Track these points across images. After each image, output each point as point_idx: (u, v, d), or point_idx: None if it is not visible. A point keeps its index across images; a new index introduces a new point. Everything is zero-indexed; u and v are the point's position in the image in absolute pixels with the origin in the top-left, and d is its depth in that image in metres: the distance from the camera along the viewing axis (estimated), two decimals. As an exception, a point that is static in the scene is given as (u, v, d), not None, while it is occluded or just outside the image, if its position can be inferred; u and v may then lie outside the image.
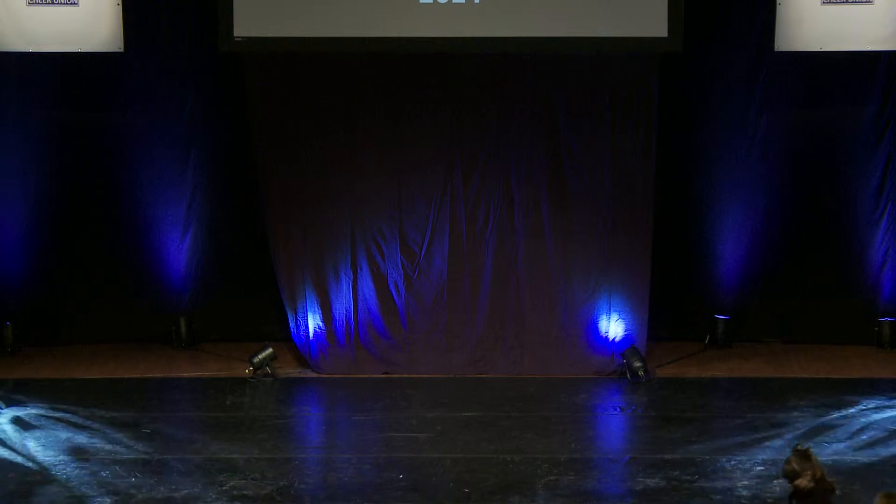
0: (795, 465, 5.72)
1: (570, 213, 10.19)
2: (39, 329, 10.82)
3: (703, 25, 10.15)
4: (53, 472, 7.88)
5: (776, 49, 10.17)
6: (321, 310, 10.27)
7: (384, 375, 10.16)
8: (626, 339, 10.21)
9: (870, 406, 9.16)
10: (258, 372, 10.07)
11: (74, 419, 8.96)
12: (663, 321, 10.67)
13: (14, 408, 9.21)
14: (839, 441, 8.41)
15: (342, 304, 10.26)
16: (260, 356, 10.08)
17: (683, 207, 10.72)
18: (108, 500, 7.45)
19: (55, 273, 10.78)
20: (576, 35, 9.78)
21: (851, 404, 9.20)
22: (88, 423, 8.89)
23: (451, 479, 7.81)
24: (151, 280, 10.85)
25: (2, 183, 10.55)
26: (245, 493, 7.56)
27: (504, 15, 9.75)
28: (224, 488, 7.63)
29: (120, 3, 10.14)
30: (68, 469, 7.94)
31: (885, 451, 8.20)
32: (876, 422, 8.81)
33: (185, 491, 7.58)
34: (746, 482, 7.68)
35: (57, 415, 9.05)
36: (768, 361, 10.43)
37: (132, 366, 10.38)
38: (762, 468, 7.91)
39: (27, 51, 10.20)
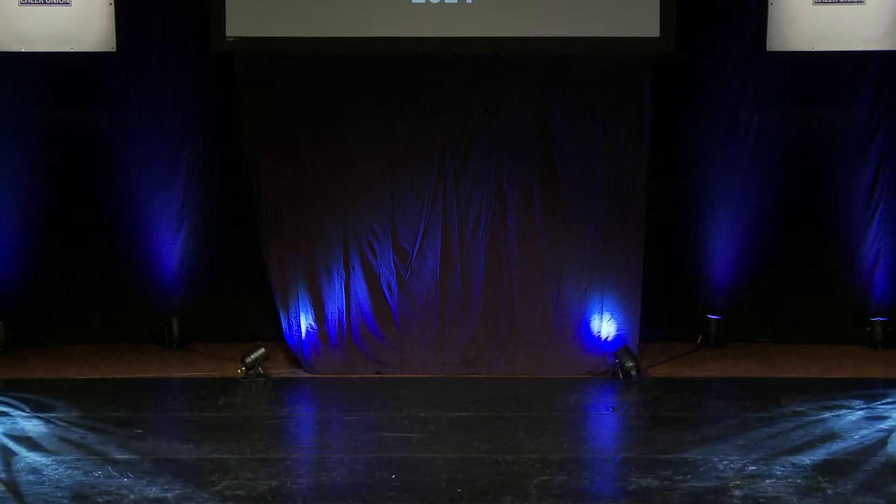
0: None
1: (563, 213, 10.20)
2: (31, 329, 10.82)
3: (695, 25, 10.17)
4: (45, 473, 7.87)
5: (768, 49, 10.19)
6: (313, 310, 10.27)
7: (376, 375, 10.17)
8: (618, 338, 10.21)
9: (862, 406, 9.17)
10: (250, 372, 10.07)
11: (66, 419, 8.95)
12: (656, 321, 10.68)
13: (6, 408, 9.20)
14: (832, 441, 8.42)
15: (334, 303, 10.26)
16: (252, 356, 10.08)
17: (676, 207, 10.74)
18: (100, 501, 7.44)
19: (47, 273, 10.77)
20: (568, 35, 9.79)
21: (844, 404, 9.21)
22: (80, 423, 8.87)
23: (443, 479, 7.80)
24: (143, 280, 10.85)
25: (-6, 182, 10.58)
26: (237, 493, 7.55)
27: (496, 15, 9.76)
28: (216, 488, 7.62)
29: (112, 2, 10.14)
30: (60, 469, 7.92)
31: (878, 451, 8.21)
32: (868, 422, 8.82)
33: (177, 491, 7.57)
34: (739, 482, 7.68)
35: (49, 415, 9.04)
36: (761, 361, 10.45)
37: (124, 366, 10.38)
38: (754, 468, 7.91)
39: (19, 50, 10.19)
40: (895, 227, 10.62)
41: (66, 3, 10.12)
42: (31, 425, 8.83)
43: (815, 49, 10.17)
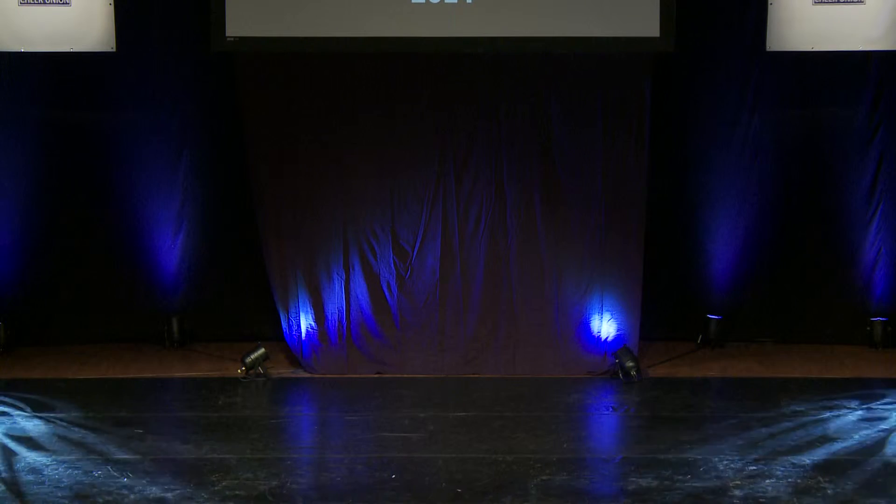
0: None
1: (563, 213, 10.20)
2: (32, 329, 10.82)
3: (695, 25, 10.16)
4: (45, 473, 7.86)
5: (768, 49, 10.19)
6: (313, 310, 10.27)
7: (376, 375, 10.17)
8: (618, 338, 10.21)
9: (862, 406, 9.17)
10: (250, 372, 10.07)
11: (66, 419, 8.95)
12: (655, 321, 10.68)
13: (6, 408, 9.20)
14: (831, 441, 8.42)
15: (334, 303, 10.26)
16: (252, 356, 10.08)
17: (676, 207, 10.74)
18: (100, 501, 7.44)
19: (47, 273, 10.78)
20: (568, 35, 9.79)
21: (844, 404, 9.21)
22: (80, 423, 8.87)
23: (443, 478, 7.80)
24: (143, 280, 10.85)
25: (-6, 182, 10.58)
26: (237, 493, 7.55)
27: (496, 15, 9.76)
28: (216, 488, 7.62)
29: (112, 2, 10.14)
30: (60, 469, 7.92)
31: (877, 451, 8.21)
32: (868, 422, 8.82)
33: (178, 491, 7.57)
34: (739, 482, 7.68)
35: (49, 415, 9.04)
36: (760, 361, 10.45)
37: (124, 366, 10.38)
38: (754, 468, 7.91)
39: (19, 51, 10.19)
40: (895, 227, 10.62)
41: (66, 3, 10.12)
42: (31, 425, 8.83)
43: (814, 49, 10.17)
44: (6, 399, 9.41)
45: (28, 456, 8.20)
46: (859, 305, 10.77)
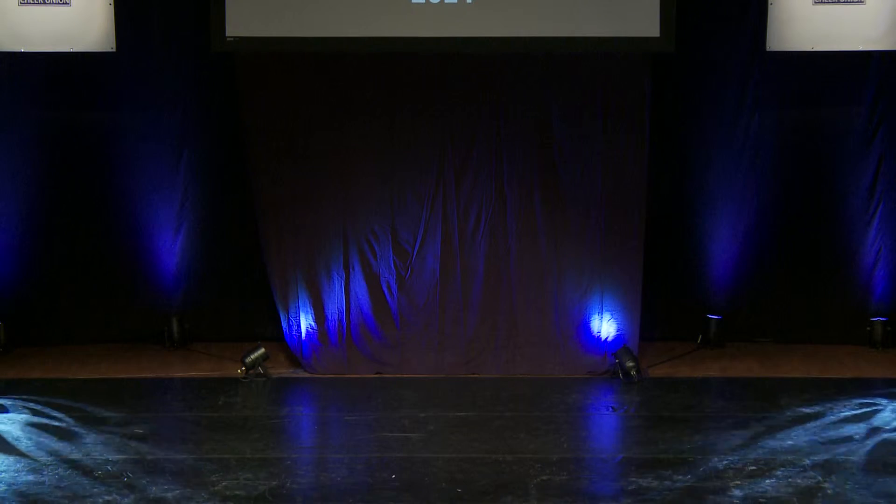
0: None
1: (563, 213, 10.20)
2: (31, 329, 10.82)
3: (695, 25, 10.17)
4: (45, 473, 7.86)
5: (768, 49, 10.20)
6: (313, 310, 10.27)
7: (376, 375, 10.17)
8: (618, 338, 10.21)
9: (862, 406, 9.17)
10: (250, 372, 10.07)
11: (66, 419, 8.95)
12: (655, 321, 10.70)
13: (6, 408, 9.20)
14: (831, 441, 8.42)
15: (334, 304, 10.26)
16: (252, 356, 10.08)
17: (676, 207, 10.74)
18: (100, 501, 7.44)
19: (47, 273, 10.78)
20: (568, 35, 9.80)
21: (843, 404, 9.21)
22: (80, 423, 8.87)
23: (443, 479, 7.81)
24: (143, 280, 10.85)
25: (-6, 183, 10.58)
26: (237, 493, 7.55)
27: (496, 15, 9.77)
28: (216, 488, 7.62)
29: (112, 2, 10.14)
30: (60, 469, 7.93)
31: (876, 451, 8.21)
32: (867, 421, 8.82)
33: (177, 491, 7.57)
34: (739, 482, 7.68)
35: (49, 415, 9.04)
36: (760, 361, 10.45)
37: (124, 366, 10.38)
38: (754, 468, 7.91)
39: (19, 51, 10.20)
40: (895, 227, 10.63)
41: (66, 3, 10.12)
42: (31, 425, 8.83)
43: (814, 49, 10.17)
44: (6, 399, 9.40)
45: (28, 456, 8.20)
46: (859, 305, 10.78)
